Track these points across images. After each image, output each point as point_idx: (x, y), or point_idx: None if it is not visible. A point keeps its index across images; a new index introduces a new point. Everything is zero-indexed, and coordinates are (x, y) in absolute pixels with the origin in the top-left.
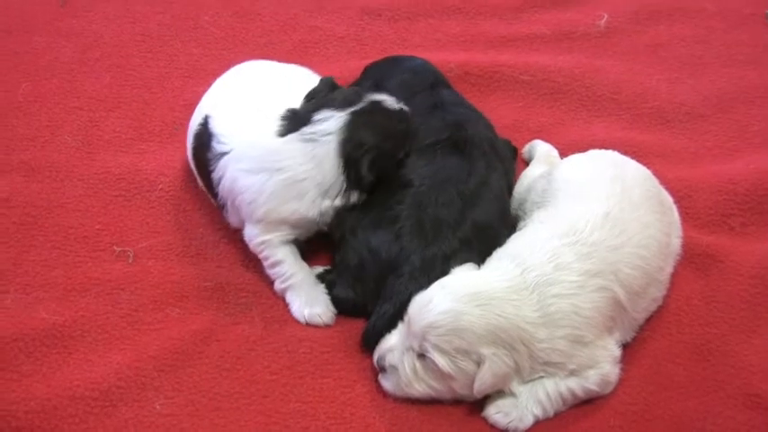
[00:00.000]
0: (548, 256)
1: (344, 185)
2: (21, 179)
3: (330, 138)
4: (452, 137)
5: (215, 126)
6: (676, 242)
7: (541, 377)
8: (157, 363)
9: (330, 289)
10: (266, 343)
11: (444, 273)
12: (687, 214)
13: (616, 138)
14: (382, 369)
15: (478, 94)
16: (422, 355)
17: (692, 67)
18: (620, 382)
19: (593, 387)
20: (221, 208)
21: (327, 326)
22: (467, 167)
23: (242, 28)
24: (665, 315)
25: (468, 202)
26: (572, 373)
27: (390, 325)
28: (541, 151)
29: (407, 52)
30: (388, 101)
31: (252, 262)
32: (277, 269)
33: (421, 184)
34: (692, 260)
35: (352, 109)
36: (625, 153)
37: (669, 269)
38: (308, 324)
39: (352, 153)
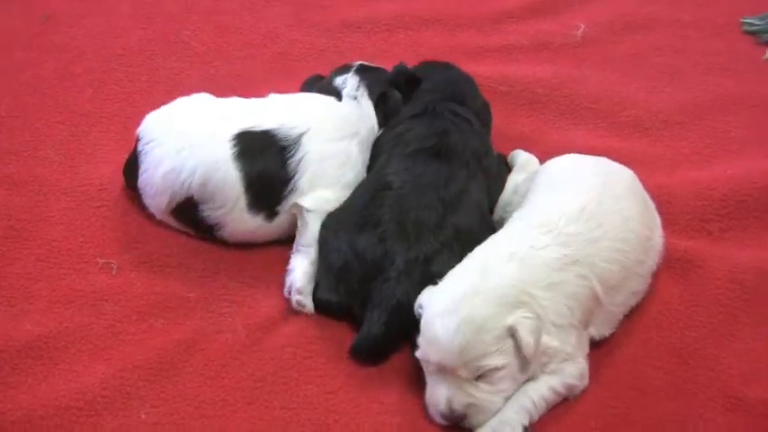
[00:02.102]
0: (523, 241)
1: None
2: (4, 193)
3: (361, 91)
4: (436, 145)
5: (272, 123)
6: (658, 239)
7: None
8: (142, 372)
9: (313, 291)
10: (250, 351)
11: (426, 274)
12: (666, 220)
13: (595, 145)
14: (461, 418)
15: None
16: (479, 375)
17: (669, 75)
18: (601, 385)
19: (574, 381)
20: (283, 194)
21: (305, 312)
22: (446, 174)
23: (223, 42)
24: (645, 319)
25: (449, 207)
26: (561, 364)
27: (386, 331)
28: (522, 159)
29: (387, 64)
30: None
31: (234, 270)
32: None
33: (401, 186)
34: (670, 265)
35: (354, 69)
36: None
37: (651, 263)
38: (291, 293)
39: (379, 97)
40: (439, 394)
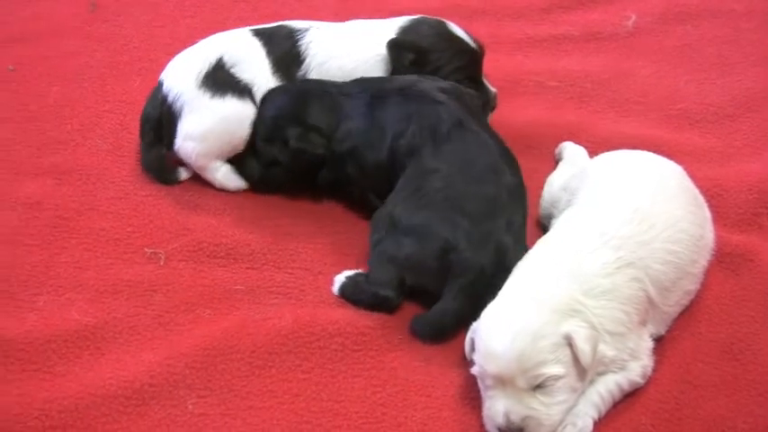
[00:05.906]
0: (574, 246)
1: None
2: (52, 182)
3: (383, 34)
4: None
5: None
6: (710, 236)
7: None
8: (188, 360)
9: (368, 286)
10: (297, 337)
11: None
12: (717, 213)
13: (645, 138)
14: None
15: (506, 95)
16: (537, 386)
17: (720, 67)
18: (651, 381)
19: (638, 379)
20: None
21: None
22: (481, 141)
23: None
24: (696, 314)
25: (499, 172)
26: (624, 362)
27: (462, 306)
28: (570, 152)
29: None
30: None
31: (282, 261)
32: None
33: (449, 175)
34: (722, 259)
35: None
36: (654, 153)
37: (703, 262)
38: None
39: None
40: (497, 408)
